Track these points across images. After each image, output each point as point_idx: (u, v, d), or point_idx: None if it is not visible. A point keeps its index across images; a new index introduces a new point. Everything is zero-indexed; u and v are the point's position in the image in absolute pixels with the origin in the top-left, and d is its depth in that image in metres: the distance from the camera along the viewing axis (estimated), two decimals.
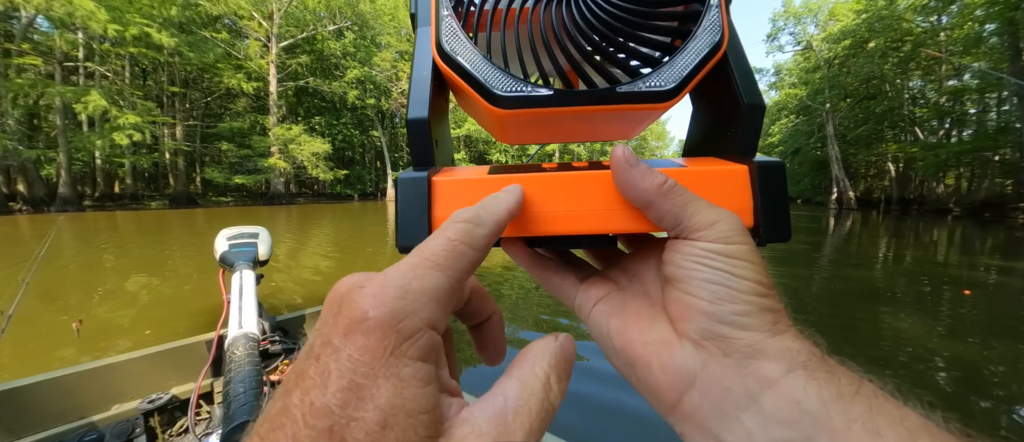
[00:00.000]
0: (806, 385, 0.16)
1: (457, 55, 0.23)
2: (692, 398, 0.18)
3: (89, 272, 5.61)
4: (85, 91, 16.06)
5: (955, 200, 21.12)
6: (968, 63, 18.47)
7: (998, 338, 3.23)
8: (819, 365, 0.17)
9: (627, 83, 0.22)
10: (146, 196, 23.21)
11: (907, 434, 0.14)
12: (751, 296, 0.18)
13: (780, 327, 0.18)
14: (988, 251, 8.46)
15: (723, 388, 0.17)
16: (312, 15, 25.03)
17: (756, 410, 0.16)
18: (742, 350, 0.17)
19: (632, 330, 0.21)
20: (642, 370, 0.20)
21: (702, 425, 0.17)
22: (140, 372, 1.57)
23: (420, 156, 0.23)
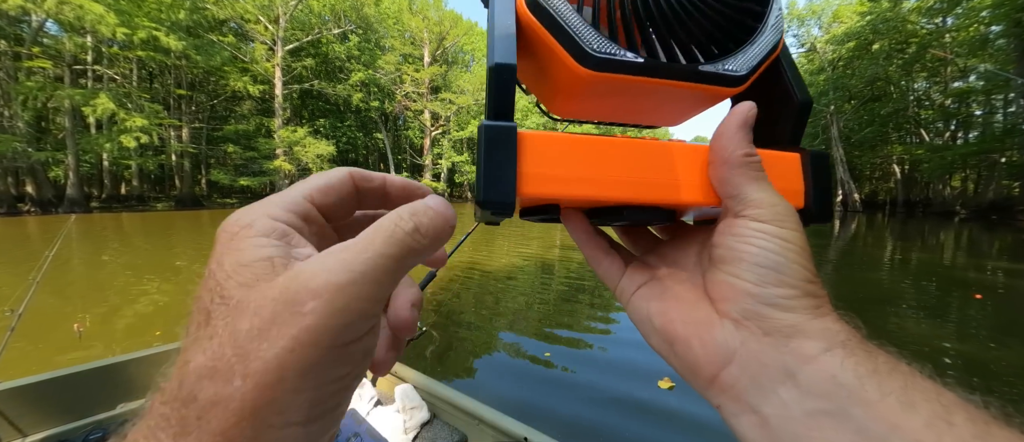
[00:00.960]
0: (843, 361, 0.16)
1: (549, 3, 0.22)
2: (730, 372, 0.18)
3: (98, 273, 5.67)
4: (94, 94, 16.28)
5: (961, 202, 20.89)
6: (974, 64, 18.30)
7: (1012, 340, 3.18)
8: (858, 345, 0.17)
9: (709, 63, 0.22)
10: (152, 198, 23.45)
11: (942, 408, 0.14)
12: (797, 280, 0.18)
13: (822, 311, 0.18)
14: (996, 254, 8.35)
15: (761, 364, 0.18)
16: (317, 18, 25.27)
17: (793, 384, 0.17)
18: (783, 330, 0.18)
19: (672, 310, 0.22)
20: (681, 347, 0.20)
21: (739, 397, 0.18)
22: (147, 371, 1.59)
23: (502, 106, 0.21)
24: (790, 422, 0.16)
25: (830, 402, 0.16)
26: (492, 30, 0.22)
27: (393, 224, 0.16)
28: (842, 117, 26.01)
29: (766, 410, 0.17)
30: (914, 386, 0.15)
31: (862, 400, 0.15)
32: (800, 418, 0.16)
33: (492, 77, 0.21)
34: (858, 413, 0.15)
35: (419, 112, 30.24)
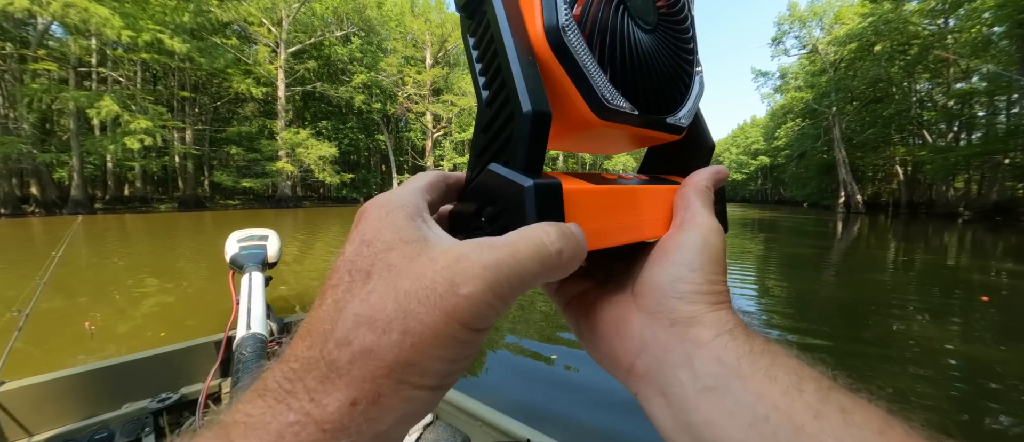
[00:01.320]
0: (727, 345, 0.20)
1: (573, 46, 0.21)
2: (643, 360, 0.22)
3: (102, 274, 5.70)
4: (98, 96, 16.40)
5: (965, 204, 20.79)
6: (977, 65, 18.23)
7: (1021, 343, 3.16)
8: (741, 332, 0.21)
9: (670, 115, 0.27)
10: (155, 199, 23.56)
11: (797, 379, 0.18)
12: (704, 280, 0.22)
13: (720, 306, 0.22)
14: (1001, 256, 8.30)
15: (666, 350, 0.21)
16: (320, 21, 25.42)
17: (689, 366, 0.20)
18: (685, 320, 0.21)
19: (600, 310, 0.25)
20: (605, 342, 0.24)
21: (651, 382, 0.21)
22: (151, 372, 1.60)
23: (538, 158, 0.21)
24: (686, 399, 0.19)
25: (715, 379, 0.19)
26: (514, 69, 0.21)
27: (540, 238, 0.17)
28: (844, 118, 25.95)
29: (669, 390, 0.20)
30: (778, 363, 0.19)
31: (738, 376, 0.19)
32: (694, 395, 0.19)
33: (527, 126, 0.20)
34: (735, 387, 0.18)
35: (421, 114, 30.34)
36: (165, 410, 1.38)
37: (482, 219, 0.22)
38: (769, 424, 0.17)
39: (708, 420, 0.19)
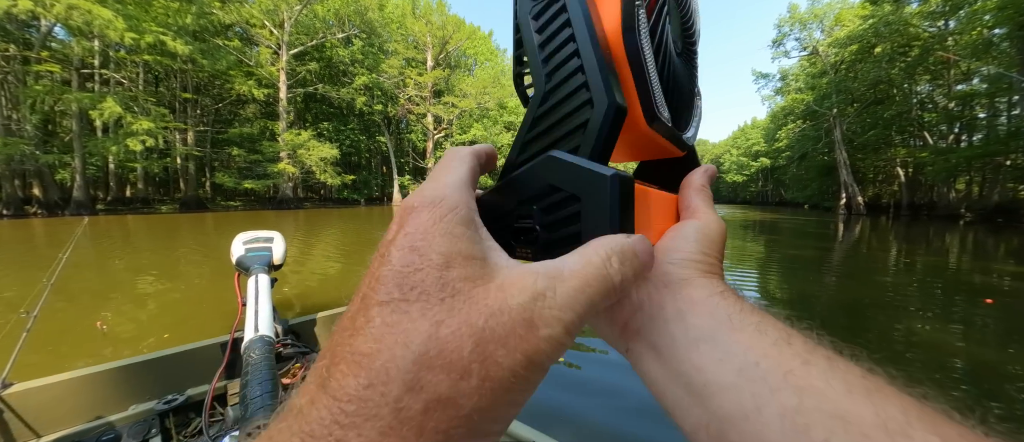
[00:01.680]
0: (718, 303, 0.21)
1: (644, 52, 0.22)
2: (637, 318, 0.23)
3: (106, 275, 5.71)
4: (101, 97, 16.47)
5: (967, 205, 20.75)
6: (978, 67, 18.23)
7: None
8: (731, 294, 0.22)
9: (684, 133, 0.29)
10: (157, 200, 23.61)
11: (786, 334, 0.19)
12: (698, 254, 0.24)
13: (711, 275, 0.24)
14: (1003, 257, 8.29)
15: (660, 307, 0.22)
16: (321, 23, 25.52)
17: (681, 321, 0.21)
18: (678, 282, 0.23)
19: None
20: None
21: (642, 337, 0.23)
22: (157, 373, 1.60)
23: (605, 154, 0.21)
24: (677, 350, 0.21)
25: (706, 332, 0.20)
26: (593, 62, 0.21)
27: (604, 266, 0.17)
28: (845, 120, 25.95)
29: (661, 344, 0.22)
30: (767, 320, 0.20)
31: (729, 328, 0.20)
32: (685, 346, 0.20)
33: (606, 119, 0.20)
34: (724, 338, 0.20)
35: (422, 115, 30.41)
36: (171, 411, 1.39)
37: (536, 209, 0.21)
38: (759, 369, 0.18)
39: (698, 367, 0.20)
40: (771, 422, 0.17)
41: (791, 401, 0.17)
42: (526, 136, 0.23)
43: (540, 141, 0.22)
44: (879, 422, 0.15)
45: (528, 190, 0.21)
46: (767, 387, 0.17)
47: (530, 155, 0.22)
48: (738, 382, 0.18)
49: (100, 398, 1.46)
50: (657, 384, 0.22)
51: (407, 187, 30.84)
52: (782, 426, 0.16)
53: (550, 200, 0.21)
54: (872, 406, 0.16)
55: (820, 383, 0.17)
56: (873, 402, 0.16)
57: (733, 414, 0.18)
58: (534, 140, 0.23)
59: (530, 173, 0.22)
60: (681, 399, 0.20)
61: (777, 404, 0.17)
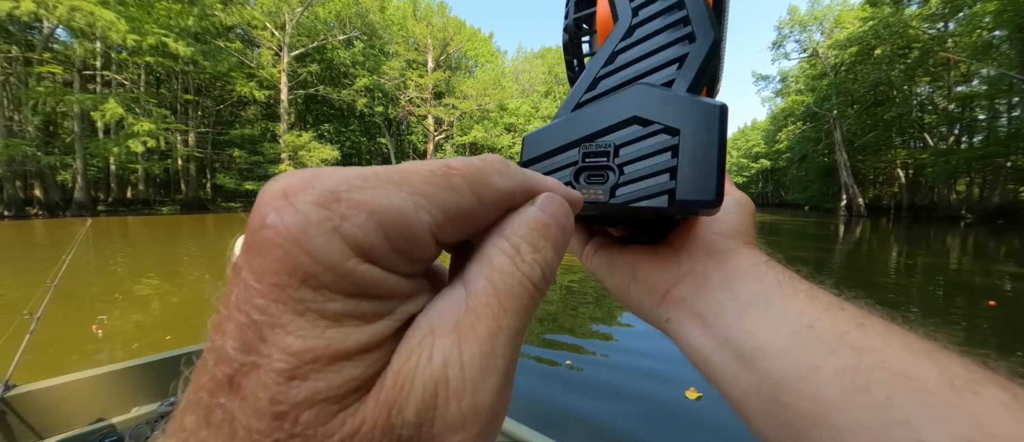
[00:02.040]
0: (766, 271, 0.21)
1: None
2: (680, 288, 0.23)
3: (107, 277, 5.71)
4: (103, 99, 16.51)
5: (967, 207, 20.72)
6: (979, 68, 18.23)
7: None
8: (777, 263, 0.22)
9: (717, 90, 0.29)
10: (157, 201, 23.63)
11: (838, 300, 0.19)
12: (736, 221, 0.24)
13: (751, 246, 0.24)
14: (1004, 258, 8.27)
15: (706, 276, 0.22)
16: (323, 25, 25.59)
17: (728, 289, 0.21)
18: (722, 252, 0.23)
19: (634, 250, 0.26)
20: (643, 272, 0.25)
21: (687, 306, 0.22)
22: (159, 375, 1.61)
23: (700, 87, 0.20)
24: (726, 316, 0.20)
25: (756, 298, 0.20)
26: None
27: (514, 273, 0.12)
28: (845, 122, 25.95)
29: (708, 311, 0.21)
30: (816, 289, 0.20)
31: (779, 294, 0.20)
32: (734, 312, 0.20)
33: (710, 53, 0.20)
34: (776, 303, 0.19)
35: (423, 117, 30.45)
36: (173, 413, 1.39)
37: (614, 145, 0.19)
38: (813, 331, 0.17)
39: (749, 331, 0.19)
40: (828, 381, 0.16)
41: (849, 360, 0.16)
42: (600, 71, 0.22)
43: (621, 74, 0.21)
44: (944, 379, 0.15)
45: (606, 121, 0.20)
46: (823, 348, 0.17)
47: (608, 89, 0.21)
48: (791, 345, 0.17)
49: (102, 400, 1.46)
50: (702, 352, 0.21)
51: None
52: (841, 384, 0.16)
53: (637, 133, 0.19)
54: (935, 364, 0.15)
55: (878, 343, 0.16)
56: (935, 361, 0.15)
57: (788, 375, 0.17)
58: (613, 73, 0.21)
59: (612, 103, 0.20)
60: (728, 366, 0.19)
61: (835, 364, 0.16)
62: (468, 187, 0.12)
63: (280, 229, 0.09)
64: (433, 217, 0.11)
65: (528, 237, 0.13)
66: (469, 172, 0.12)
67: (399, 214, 0.10)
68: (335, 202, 0.09)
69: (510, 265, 0.12)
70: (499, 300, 0.11)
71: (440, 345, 0.10)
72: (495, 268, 0.12)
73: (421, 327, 0.11)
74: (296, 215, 0.09)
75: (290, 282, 0.09)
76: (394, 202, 0.10)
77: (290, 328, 0.09)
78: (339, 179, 0.10)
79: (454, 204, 0.11)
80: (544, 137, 0.21)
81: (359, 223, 0.09)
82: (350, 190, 0.10)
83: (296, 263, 0.09)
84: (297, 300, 0.09)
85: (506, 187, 0.13)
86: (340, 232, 0.09)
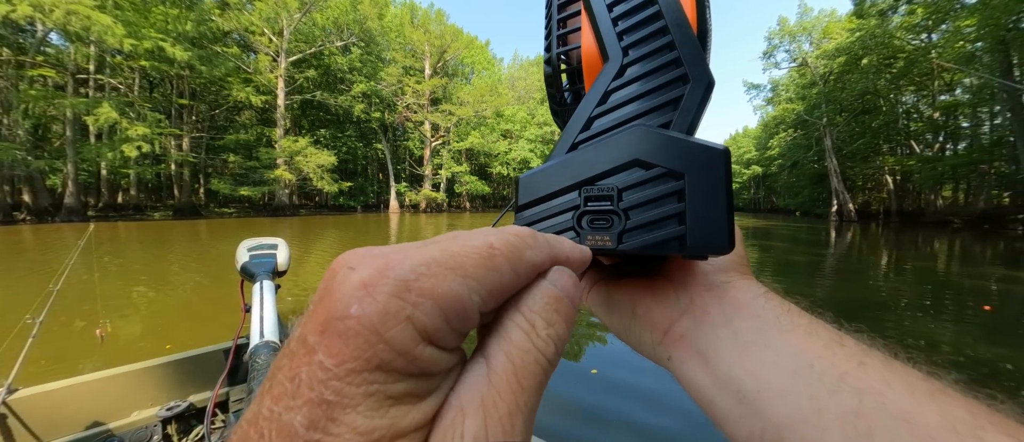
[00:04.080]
0: (765, 305, 0.21)
1: (710, 26, 0.23)
2: (681, 324, 0.22)
3: (110, 281, 5.63)
4: (96, 103, 16.38)
5: (954, 212, 21.20)
6: (963, 77, 18.79)
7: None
8: (775, 296, 0.22)
9: None
10: (149, 207, 23.35)
11: (837, 336, 0.19)
12: (733, 255, 0.24)
13: (747, 276, 0.24)
14: (991, 262, 8.47)
15: (704, 311, 0.22)
16: (320, 31, 25.72)
17: (728, 325, 0.21)
18: (720, 285, 0.23)
19: (631, 286, 0.26)
20: (642, 308, 0.24)
21: (688, 344, 0.22)
22: (159, 380, 1.61)
23: (695, 128, 0.20)
24: (727, 355, 0.20)
25: (756, 335, 0.20)
26: (689, 40, 0.20)
27: (531, 350, 0.13)
28: (834, 129, 26.50)
29: (709, 349, 0.21)
30: (816, 322, 0.20)
31: (779, 330, 0.19)
32: (735, 350, 0.20)
33: (705, 95, 0.20)
34: (776, 340, 0.19)
35: (420, 123, 30.56)
36: (174, 418, 1.40)
37: (617, 189, 0.19)
38: (813, 371, 0.17)
39: (751, 371, 0.19)
40: (831, 425, 0.16)
41: (851, 403, 0.16)
42: (594, 110, 0.21)
43: (616, 114, 0.21)
44: (947, 424, 0.14)
45: (606, 164, 0.19)
46: (824, 389, 0.17)
47: (603, 129, 0.21)
48: (793, 385, 0.17)
49: (103, 404, 1.47)
50: (705, 392, 0.20)
51: (404, 194, 30.83)
52: (843, 429, 0.15)
53: (640, 177, 0.19)
54: (937, 407, 0.15)
55: (879, 385, 0.16)
56: (938, 403, 0.15)
57: (791, 419, 0.17)
58: (607, 113, 0.21)
59: (610, 145, 0.20)
60: (732, 408, 0.19)
61: (837, 407, 0.16)
62: (508, 265, 0.13)
63: (363, 320, 0.10)
64: (481, 297, 0.12)
65: (542, 313, 0.14)
66: (508, 250, 0.14)
67: (457, 299, 0.12)
68: (407, 291, 0.11)
69: (527, 342, 0.13)
70: (517, 379, 0.12)
71: (469, 425, 0.11)
72: (513, 344, 0.13)
73: (453, 406, 0.12)
74: (376, 305, 0.10)
75: (367, 367, 0.10)
76: (454, 288, 0.12)
77: (360, 409, 0.10)
78: (408, 268, 0.11)
79: (497, 282, 0.13)
80: (542, 179, 0.21)
81: (426, 310, 0.11)
82: (417, 278, 0.11)
83: (374, 351, 0.10)
84: (369, 382, 0.10)
85: (537, 260, 0.15)
86: (412, 320, 0.11)
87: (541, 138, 33.32)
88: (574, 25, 0.26)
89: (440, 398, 0.12)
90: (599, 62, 0.23)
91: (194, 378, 1.54)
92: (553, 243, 0.16)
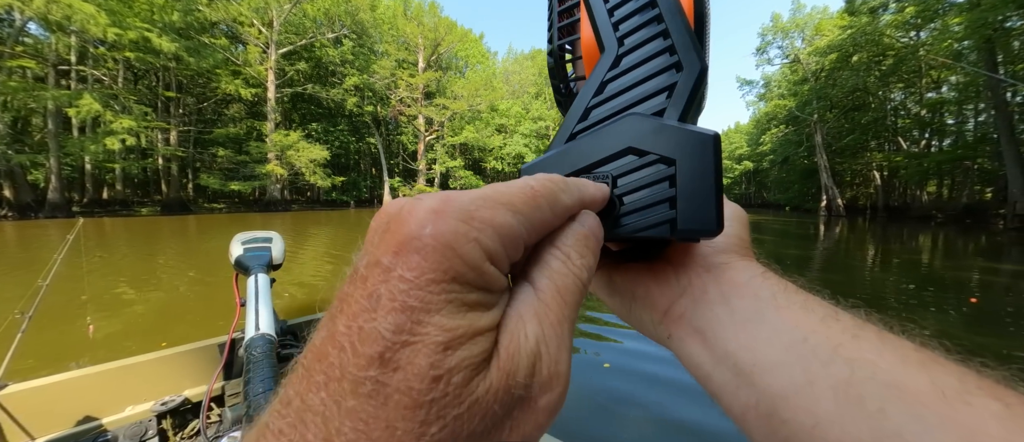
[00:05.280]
0: (762, 283, 0.22)
1: (708, 14, 0.23)
2: (680, 304, 0.23)
3: (98, 277, 5.53)
4: (78, 94, 15.89)
5: (938, 207, 21.74)
6: (956, 71, 19.15)
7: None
8: (774, 275, 0.23)
9: None
10: (136, 202, 22.85)
11: (833, 311, 0.20)
12: (730, 233, 0.25)
13: (747, 258, 0.24)
14: (974, 255, 8.72)
15: (704, 291, 0.22)
16: (311, 22, 25.19)
17: (726, 304, 0.21)
18: (719, 266, 0.23)
19: (632, 269, 0.26)
20: (643, 290, 0.25)
21: (687, 322, 0.22)
22: (154, 374, 1.60)
23: (689, 115, 0.20)
24: (724, 331, 0.21)
25: (753, 313, 0.20)
26: (683, 27, 0.21)
27: (568, 274, 0.16)
28: (825, 125, 26.89)
29: (706, 327, 0.21)
30: (812, 299, 0.21)
31: (774, 307, 0.20)
32: (732, 326, 0.20)
33: (698, 82, 0.20)
34: (772, 316, 0.20)
35: (413, 117, 30.25)
36: (169, 413, 1.40)
37: (611, 176, 0.20)
38: (808, 344, 0.18)
39: (746, 345, 0.19)
40: (823, 395, 0.16)
41: (843, 373, 0.16)
42: (591, 101, 0.22)
43: (612, 103, 0.22)
44: (936, 390, 0.15)
45: (601, 152, 0.20)
46: (817, 361, 0.17)
47: (600, 119, 0.22)
48: (787, 358, 0.18)
49: (96, 400, 1.45)
50: (703, 368, 0.21)
51: (397, 190, 30.59)
52: (835, 398, 0.16)
53: (634, 164, 0.20)
54: (927, 375, 0.15)
55: (872, 355, 0.17)
56: (928, 371, 0.16)
57: (784, 390, 0.17)
58: (603, 103, 0.22)
59: (605, 134, 0.20)
60: (728, 382, 0.20)
61: (829, 377, 0.17)
62: (548, 204, 0.16)
63: (440, 237, 0.12)
64: (528, 230, 0.15)
65: (575, 246, 0.17)
66: (546, 192, 0.16)
67: (511, 228, 0.14)
68: (471, 218, 0.13)
69: (565, 268, 0.16)
70: (561, 295, 0.15)
71: (530, 328, 0.14)
72: (554, 271, 0.16)
73: (512, 316, 0.14)
74: (449, 225, 0.12)
75: (445, 277, 0.12)
76: (508, 220, 0.14)
77: (444, 312, 0.12)
78: (468, 200, 0.14)
79: (540, 219, 0.16)
80: (542, 168, 0.22)
81: (489, 235, 0.13)
82: (478, 209, 0.13)
83: (450, 263, 0.12)
84: (448, 292, 0.12)
85: (570, 202, 0.17)
86: (479, 242, 0.13)
87: (536, 133, 33.23)
88: (575, 16, 0.27)
89: (501, 310, 0.14)
90: (597, 52, 0.24)
91: (189, 372, 1.53)
92: (581, 187, 0.18)
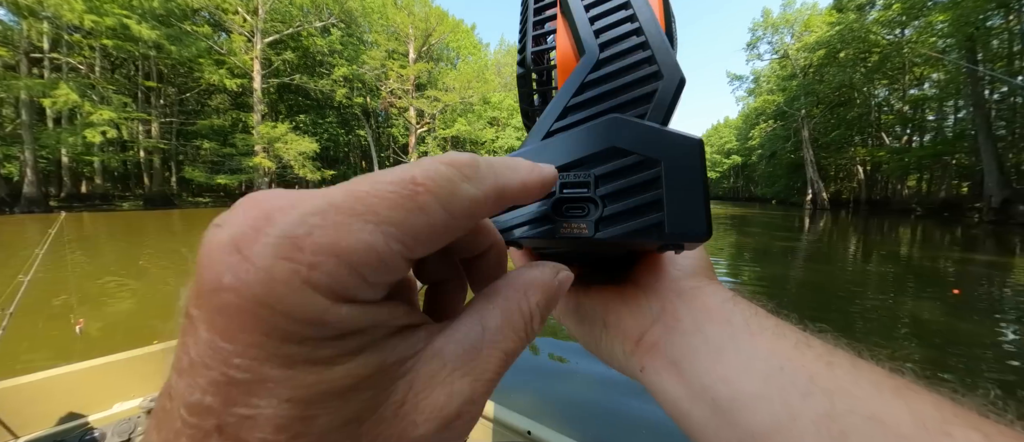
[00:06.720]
0: (733, 308, 0.21)
1: (675, 30, 0.24)
2: (653, 332, 0.22)
3: (75, 273, 5.36)
4: (54, 84, 15.21)
5: (917, 201, 22.50)
6: (940, 67, 19.64)
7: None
8: (742, 299, 0.23)
9: None
10: (117, 196, 22.12)
11: (804, 337, 0.19)
12: (697, 255, 0.25)
13: (713, 281, 0.24)
14: (951, 247, 9.06)
15: (676, 318, 0.22)
16: (298, 10, 24.46)
17: (700, 332, 0.21)
18: (690, 290, 0.23)
19: (602, 294, 0.26)
20: (614, 317, 0.24)
21: (660, 352, 0.22)
22: (142, 370, 1.58)
23: (668, 122, 0.21)
24: (700, 362, 0.20)
25: (727, 340, 0.20)
26: (660, 37, 0.22)
27: (526, 328, 0.14)
28: (812, 120, 27.39)
29: (682, 358, 0.21)
30: (783, 324, 0.21)
31: (748, 333, 0.20)
32: (707, 356, 0.20)
33: (677, 91, 0.21)
34: (746, 344, 0.19)
35: (404, 109, 29.79)
36: None
37: (593, 176, 0.19)
38: (785, 374, 0.17)
39: (724, 377, 0.19)
40: (806, 430, 0.16)
41: (823, 406, 0.16)
42: (570, 101, 0.22)
43: (591, 106, 0.22)
44: (916, 421, 0.15)
45: (583, 151, 0.20)
46: (796, 393, 0.17)
47: (579, 119, 0.22)
48: (766, 391, 0.17)
49: (82, 396, 1.43)
50: (680, 404, 0.20)
51: None
52: (817, 434, 0.16)
53: (617, 165, 0.19)
54: (905, 405, 0.15)
55: (848, 385, 0.16)
56: (905, 401, 0.15)
57: (766, 427, 0.17)
58: (583, 104, 0.22)
59: (586, 133, 0.20)
60: (708, 420, 0.19)
61: (809, 411, 0.16)
62: (437, 203, 0.11)
63: (242, 292, 0.08)
64: (404, 244, 0.10)
65: (545, 307, 0.14)
66: (436, 186, 0.11)
67: (368, 250, 0.09)
68: (297, 250, 0.09)
69: (523, 331, 0.13)
70: (505, 356, 0.13)
71: (458, 387, 0.11)
72: (514, 329, 0.13)
73: (438, 356, 0.11)
74: (256, 273, 0.08)
75: (269, 341, 0.08)
76: (362, 238, 0.09)
77: (282, 381, 0.08)
78: (294, 219, 0.09)
79: (425, 225, 0.11)
80: None
81: (329, 270, 0.09)
82: (310, 232, 0.09)
83: (270, 325, 0.08)
84: (283, 356, 0.08)
85: (477, 195, 0.12)
86: (311, 283, 0.09)
87: None
88: (549, 28, 0.28)
89: (382, 345, 0.10)
90: (573, 61, 0.24)
91: None
92: (498, 171, 0.13)
